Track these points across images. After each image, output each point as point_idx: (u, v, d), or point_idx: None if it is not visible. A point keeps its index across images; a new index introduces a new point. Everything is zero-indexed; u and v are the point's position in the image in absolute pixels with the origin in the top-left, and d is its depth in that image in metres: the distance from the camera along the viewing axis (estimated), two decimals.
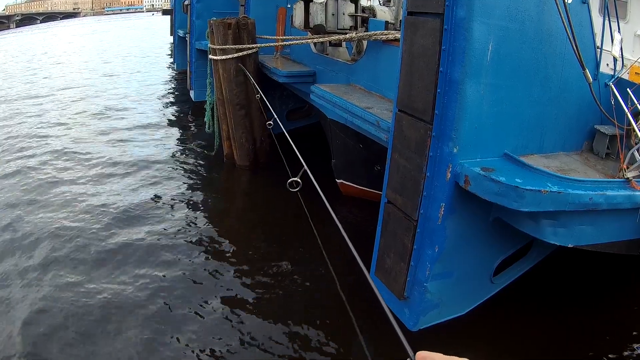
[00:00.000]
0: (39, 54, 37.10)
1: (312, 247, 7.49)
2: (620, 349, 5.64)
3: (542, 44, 4.82)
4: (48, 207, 9.27)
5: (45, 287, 6.69)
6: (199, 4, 14.53)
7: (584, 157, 5.62)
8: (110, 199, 9.62)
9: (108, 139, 13.87)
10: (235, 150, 10.99)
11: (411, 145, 4.93)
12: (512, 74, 4.70)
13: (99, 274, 7.04)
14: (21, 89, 22.24)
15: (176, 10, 21.78)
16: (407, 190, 5.09)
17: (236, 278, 7.07)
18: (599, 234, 5.20)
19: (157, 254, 7.60)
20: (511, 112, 4.81)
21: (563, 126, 5.46)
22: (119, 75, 25.78)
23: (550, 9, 4.66)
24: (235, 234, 8.47)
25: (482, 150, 4.72)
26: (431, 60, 4.55)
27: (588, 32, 5.34)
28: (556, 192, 4.35)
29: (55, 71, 27.31)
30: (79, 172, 11.12)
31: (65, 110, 17.48)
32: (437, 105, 4.53)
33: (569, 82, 5.18)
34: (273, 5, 11.61)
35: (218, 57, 10.18)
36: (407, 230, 5.13)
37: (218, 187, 10.83)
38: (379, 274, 5.73)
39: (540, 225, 4.79)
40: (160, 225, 8.54)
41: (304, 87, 9.59)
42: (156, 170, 11.23)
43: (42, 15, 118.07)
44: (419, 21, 4.71)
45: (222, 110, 10.81)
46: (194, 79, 15.22)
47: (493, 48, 4.43)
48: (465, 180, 4.52)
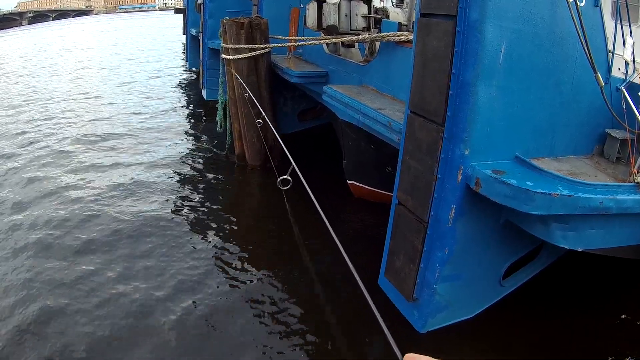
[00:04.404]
0: (53, 51, 37.32)
1: (323, 246, 7.54)
2: (625, 353, 5.63)
3: (555, 47, 4.82)
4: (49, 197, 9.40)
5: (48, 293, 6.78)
6: (211, 3, 14.58)
7: (595, 160, 5.61)
8: (119, 195, 9.74)
9: (119, 136, 13.98)
10: (246, 150, 11.03)
11: (422, 147, 4.95)
12: (524, 77, 4.70)
13: (102, 270, 7.14)
14: (39, 87, 22.40)
15: (189, 9, 21.86)
16: (418, 192, 5.10)
17: (248, 277, 7.11)
18: (608, 238, 5.18)
19: (166, 251, 7.67)
20: (523, 115, 4.82)
21: (574, 129, 5.45)
22: (130, 71, 25.93)
23: (562, 12, 4.66)
24: (247, 233, 8.52)
25: (494, 153, 4.72)
26: (443, 62, 4.57)
27: (600, 35, 5.33)
28: (567, 196, 4.35)
29: (65, 68, 27.48)
30: (88, 172, 11.24)
31: (75, 109, 17.60)
32: (449, 107, 4.55)
33: (581, 86, 5.17)
34: (286, 5, 11.62)
35: (231, 56, 10.22)
36: (417, 232, 5.15)
37: (229, 187, 10.87)
38: (388, 276, 5.75)
39: (550, 229, 4.79)
40: (169, 223, 8.61)
41: (316, 87, 9.61)
42: (167, 169, 11.32)
43: (54, 12, 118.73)
44: (431, 23, 4.73)
45: (234, 109, 10.85)
46: (206, 78, 15.27)
47: (505, 50, 4.44)
48: (476, 182, 4.53)
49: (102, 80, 23.66)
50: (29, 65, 29.89)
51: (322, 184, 9.91)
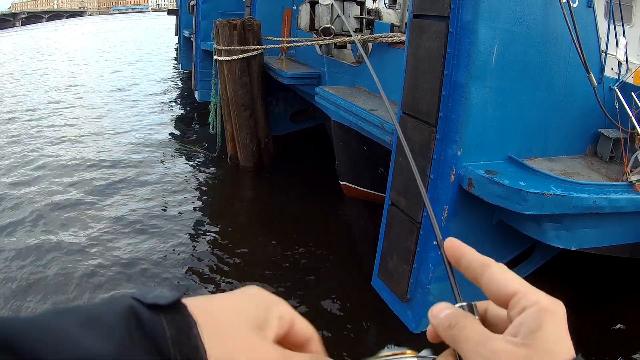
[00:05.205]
0: (45, 54, 37.20)
1: (316, 247, 7.54)
2: (617, 352, 5.64)
3: (547, 48, 4.84)
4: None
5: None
6: (204, 5, 14.55)
7: (588, 160, 5.63)
8: (110, 198, 9.67)
9: (109, 137, 13.92)
10: (239, 151, 10.99)
11: (415, 148, 4.95)
12: (517, 78, 4.72)
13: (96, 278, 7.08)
14: (30, 89, 22.32)
15: (182, 10, 21.78)
16: (410, 193, 5.10)
17: (239, 278, 7.09)
18: (602, 237, 5.21)
19: (158, 254, 7.62)
20: (515, 116, 4.83)
21: (567, 130, 5.47)
22: (122, 72, 25.86)
23: (555, 12, 4.68)
24: (239, 235, 8.48)
25: (486, 153, 4.74)
26: (436, 63, 4.58)
27: (593, 36, 5.36)
28: (560, 195, 4.36)
29: (59, 69, 27.38)
30: (78, 172, 11.16)
31: (66, 110, 17.52)
32: (442, 108, 4.56)
33: (574, 86, 5.19)
34: (279, 6, 11.60)
35: (223, 57, 10.20)
36: (410, 233, 5.15)
37: (221, 188, 10.83)
38: (382, 276, 5.75)
39: (544, 228, 4.81)
40: (162, 226, 8.56)
41: (309, 88, 9.60)
42: (158, 170, 11.27)
43: (47, 13, 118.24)
44: (424, 24, 4.74)
45: (227, 111, 10.82)
46: (198, 80, 15.21)
47: (498, 51, 4.45)
48: (469, 183, 4.54)
49: (92, 82, 23.51)
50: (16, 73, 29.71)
51: (315, 185, 9.95)
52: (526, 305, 0.61)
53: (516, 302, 0.62)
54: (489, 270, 0.67)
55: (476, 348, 0.61)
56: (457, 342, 0.64)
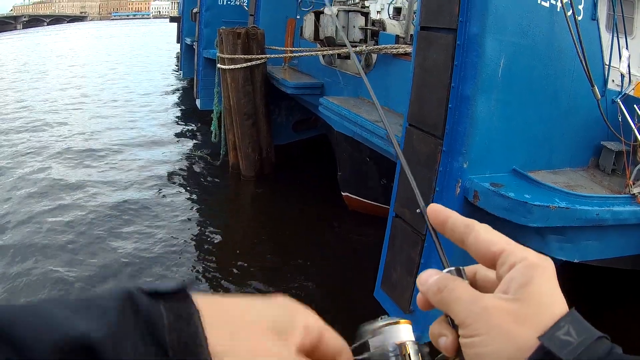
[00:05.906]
0: (45, 57, 37.23)
1: (318, 257, 7.54)
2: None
3: (553, 61, 4.86)
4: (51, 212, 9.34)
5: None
6: (207, 13, 14.57)
7: (591, 173, 5.65)
8: (112, 206, 9.65)
9: (111, 146, 13.89)
10: (241, 160, 10.98)
11: (421, 160, 4.96)
12: (523, 90, 4.74)
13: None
14: (35, 94, 22.33)
15: (184, 18, 21.82)
16: (415, 205, 5.10)
17: (238, 284, 7.10)
18: (604, 250, 5.23)
19: (160, 263, 7.62)
20: (521, 128, 4.85)
21: (570, 142, 5.49)
22: (123, 80, 25.88)
23: (560, 25, 4.70)
24: (241, 244, 8.46)
25: (492, 166, 4.75)
26: (443, 75, 4.59)
27: (597, 48, 5.39)
28: (564, 208, 4.38)
29: (60, 75, 27.39)
30: (82, 178, 11.16)
31: (68, 117, 17.53)
32: (448, 120, 4.57)
33: (578, 99, 5.21)
34: (282, 16, 11.64)
35: (227, 66, 10.22)
36: (414, 244, 5.14)
37: (223, 198, 10.85)
38: (385, 288, 5.74)
39: (547, 241, 4.82)
40: (164, 235, 8.55)
41: (312, 98, 9.62)
42: (160, 179, 11.24)
43: (49, 17, 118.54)
44: (431, 36, 4.76)
45: (229, 119, 10.83)
46: (200, 88, 15.20)
47: (504, 64, 4.47)
48: (475, 195, 4.55)
49: (93, 89, 23.50)
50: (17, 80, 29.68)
51: (317, 195, 9.95)
52: (515, 262, 0.62)
53: (504, 260, 0.63)
54: (474, 231, 0.69)
55: (467, 307, 0.62)
56: (447, 304, 0.65)
